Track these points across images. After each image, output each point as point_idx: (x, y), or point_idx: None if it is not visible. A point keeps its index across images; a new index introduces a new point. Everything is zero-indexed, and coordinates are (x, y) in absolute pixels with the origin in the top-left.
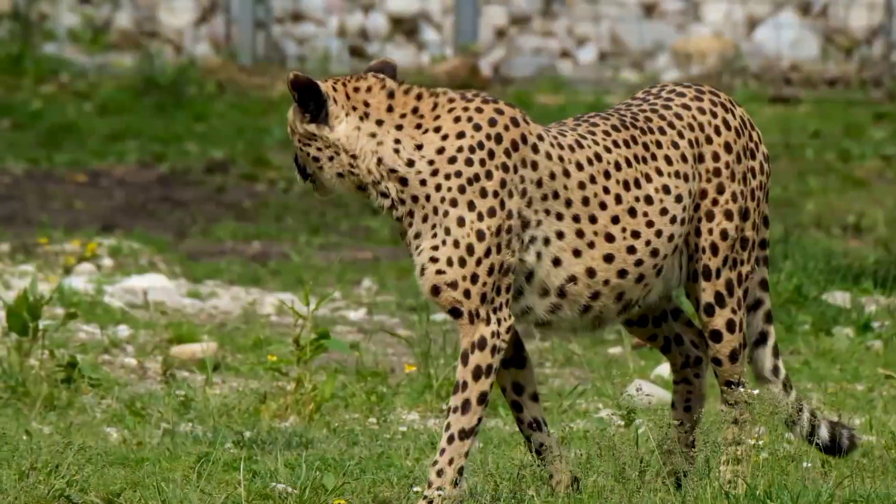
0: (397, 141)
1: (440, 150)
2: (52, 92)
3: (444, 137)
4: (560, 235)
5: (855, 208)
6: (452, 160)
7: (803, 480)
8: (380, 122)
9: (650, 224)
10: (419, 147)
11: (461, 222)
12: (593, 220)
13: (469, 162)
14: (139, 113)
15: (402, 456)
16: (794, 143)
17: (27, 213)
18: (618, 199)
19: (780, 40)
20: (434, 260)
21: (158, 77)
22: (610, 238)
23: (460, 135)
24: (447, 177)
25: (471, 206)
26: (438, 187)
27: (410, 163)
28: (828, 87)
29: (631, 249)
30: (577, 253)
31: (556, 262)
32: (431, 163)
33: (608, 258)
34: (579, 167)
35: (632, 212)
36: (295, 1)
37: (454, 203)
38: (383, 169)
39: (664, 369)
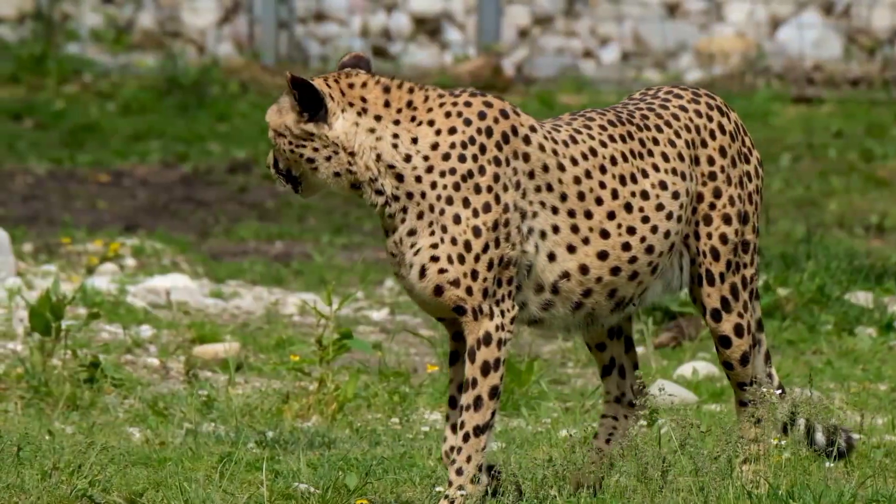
0: (395, 136)
1: (434, 146)
2: (74, 92)
3: (438, 132)
4: (556, 230)
5: (878, 208)
6: (446, 157)
7: (826, 480)
8: (378, 118)
9: (646, 220)
10: (415, 140)
11: (457, 220)
12: (589, 215)
13: (462, 158)
14: (162, 113)
15: (424, 456)
16: (817, 143)
17: (50, 212)
18: (614, 195)
19: (802, 40)
20: (435, 259)
21: (181, 77)
22: (605, 234)
23: (452, 130)
24: (442, 174)
25: (466, 202)
26: (434, 185)
27: (407, 158)
28: (850, 87)
29: (626, 246)
30: (571, 249)
31: (551, 256)
32: (426, 158)
33: (602, 255)
34: (574, 162)
35: (628, 207)
36: (318, 1)
37: (450, 201)
38: (381, 165)
39: (687, 369)
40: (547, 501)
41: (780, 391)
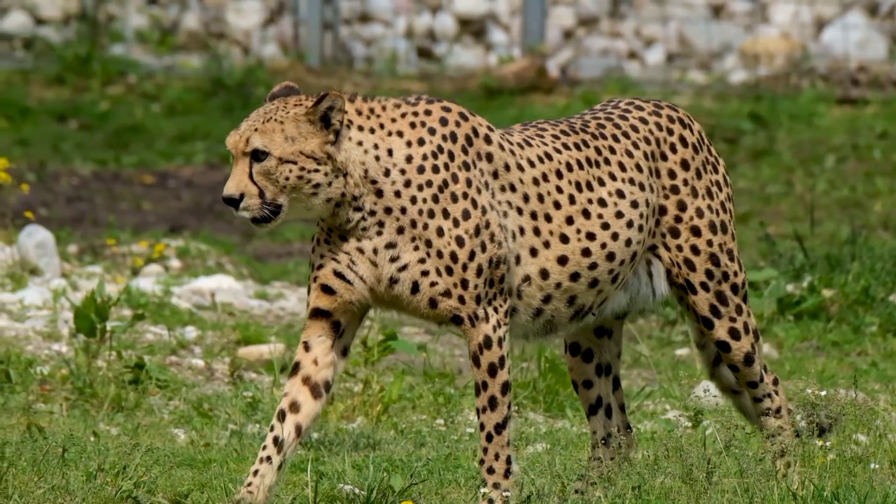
0: (375, 146)
1: (409, 159)
2: (119, 93)
3: (409, 144)
4: (522, 231)
5: None
6: (421, 170)
7: (870, 482)
8: (361, 129)
9: (605, 226)
10: (390, 153)
11: (440, 232)
12: (548, 218)
13: (435, 169)
14: (207, 114)
15: (469, 457)
16: (862, 144)
17: (95, 214)
18: (571, 200)
19: (847, 41)
20: (425, 273)
21: (226, 78)
22: (564, 239)
23: (420, 141)
24: (419, 188)
25: (445, 213)
26: (414, 199)
27: (387, 172)
28: (895, 88)
29: (586, 252)
30: (533, 252)
31: (518, 259)
32: (403, 172)
33: (561, 260)
34: (531, 164)
35: (586, 213)
36: (363, 2)
37: (431, 214)
38: (367, 180)
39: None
40: (592, 502)
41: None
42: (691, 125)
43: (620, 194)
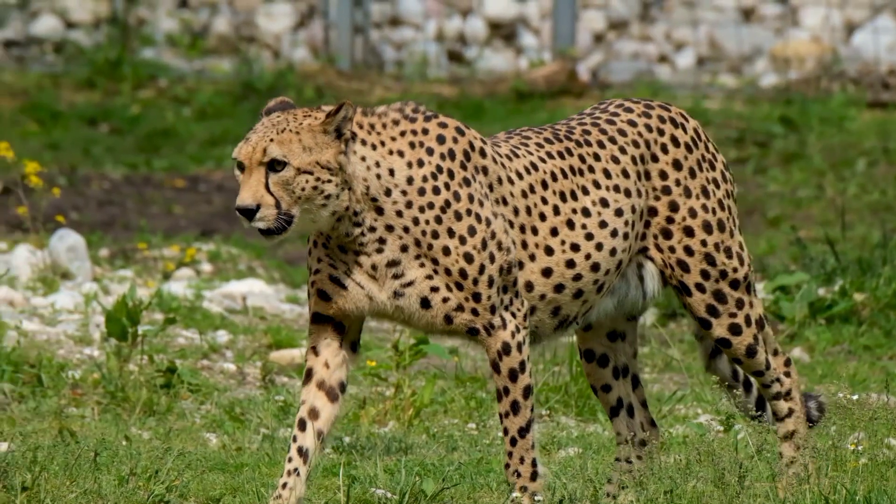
0: (377, 164)
1: (409, 180)
2: (150, 97)
3: (409, 165)
4: (513, 244)
5: None
6: (422, 192)
7: None
8: (364, 143)
9: (590, 237)
10: (391, 172)
11: (447, 251)
12: (535, 231)
13: (436, 190)
14: (237, 118)
15: (501, 461)
16: (892, 148)
17: (126, 218)
18: (556, 211)
19: (878, 45)
20: (435, 290)
21: (256, 82)
22: (549, 251)
23: (420, 163)
24: (421, 209)
25: (450, 233)
26: (416, 221)
27: (388, 192)
28: None
29: (570, 263)
30: (520, 265)
31: None
32: (405, 193)
33: (546, 272)
34: (519, 176)
35: (570, 224)
36: (393, 5)
37: (435, 235)
38: (368, 197)
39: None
40: None
41: (747, 386)
42: (684, 124)
43: (605, 203)
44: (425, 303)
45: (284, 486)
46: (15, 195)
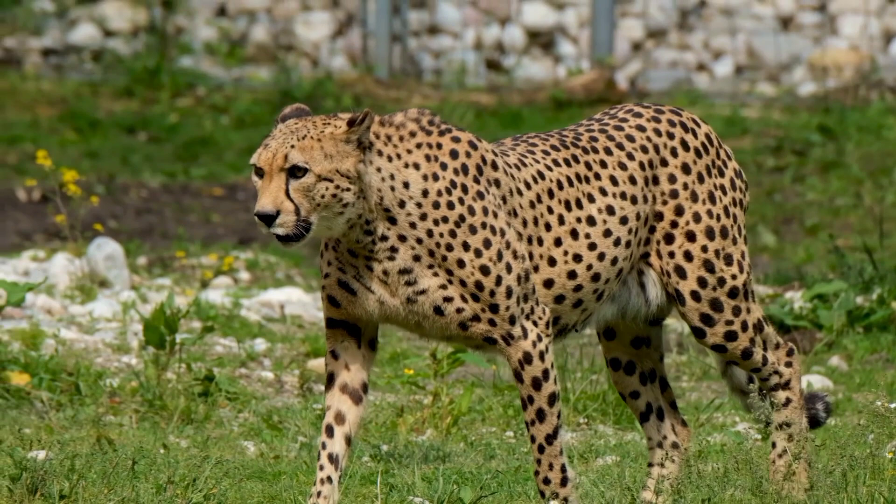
0: (392, 177)
1: (424, 193)
2: (188, 105)
3: (425, 178)
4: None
5: None
6: (436, 206)
7: None
8: (380, 154)
9: (593, 247)
10: (406, 185)
11: (461, 264)
12: (540, 242)
13: (450, 205)
14: None
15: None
16: None
17: (164, 226)
18: (560, 220)
19: None
20: (448, 300)
21: (295, 90)
22: (552, 262)
23: (435, 177)
24: (436, 222)
25: (465, 246)
26: (430, 233)
27: (402, 204)
28: None
29: (571, 274)
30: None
31: None
32: (419, 206)
33: (547, 283)
34: (528, 186)
35: (574, 233)
36: (431, 14)
37: (449, 247)
38: (381, 207)
39: (801, 383)
40: None
41: (761, 391)
42: (695, 128)
43: (611, 211)
44: (438, 311)
45: (319, 494)
46: (53, 203)
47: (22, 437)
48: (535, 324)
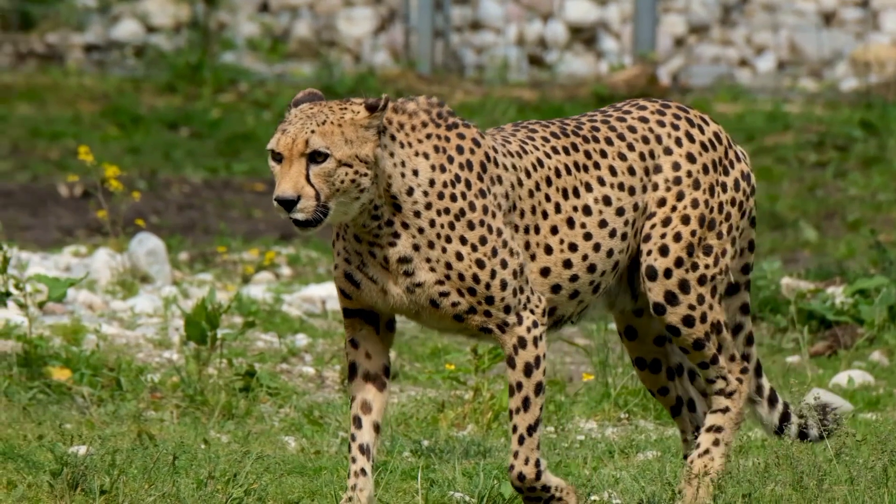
0: (403, 163)
1: (431, 183)
2: (230, 101)
3: (433, 168)
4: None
5: None
6: (441, 196)
7: None
8: (393, 139)
9: (588, 237)
10: (416, 173)
11: (459, 257)
12: (537, 230)
13: (453, 198)
14: None
15: (580, 465)
16: None
17: (206, 221)
18: (557, 208)
19: None
20: (444, 294)
21: (337, 86)
22: (548, 250)
23: (442, 168)
24: (438, 213)
25: (463, 240)
26: (432, 223)
27: (410, 191)
28: None
29: (567, 263)
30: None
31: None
32: (426, 194)
33: (544, 272)
34: (528, 174)
35: (570, 222)
36: (474, 9)
37: (448, 239)
38: (388, 194)
39: (842, 378)
40: None
41: (772, 401)
42: (702, 126)
43: (607, 201)
44: (434, 304)
45: (354, 487)
46: (95, 199)
47: (63, 433)
48: (531, 312)
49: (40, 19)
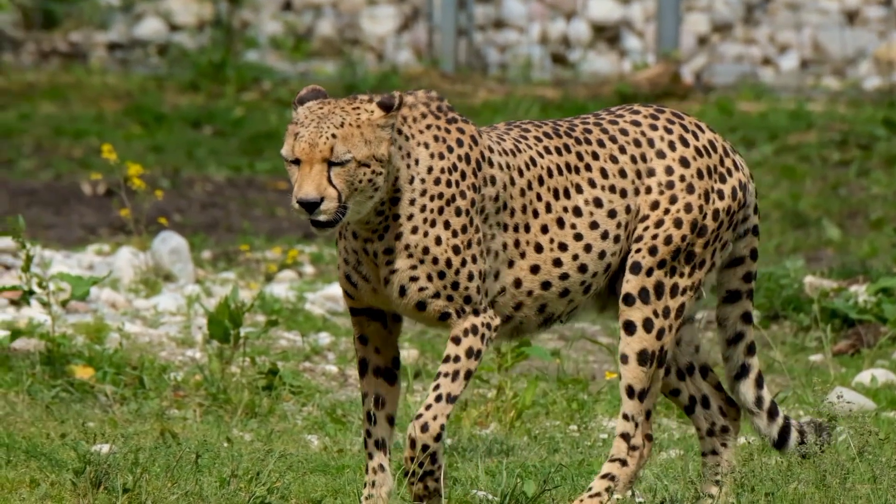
0: (408, 154)
1: (429, 170)
2: (253, 99)
3: (432, 156)
4: (504, 247)
5: None
6: (437, 182)
7: None
8: (400, 133)
9: (579, 237)
10: (417, 162)
11: (438, 241)
12: (527, 228)
13: (448, 183)
14: None
15: (602, 463)
16: None
17: (229, 220)
18: (548, 208)
19: None
20: (414, 279)
21: (360, 84)
22: (538, 248)
23: (441, 156)
24: (431, 198)
25: (446, 225)
26: (423, 208)
27: (411, 180)
28: None
29: (557, 262)
30: (510, 264)
31: (497, 274)
32: (423, 181)
33: (534, 269)
34: (520, 173)
35: (560, 222)
36: (497, 8)
37: (433, 223)
38: (394, 187)
39: (865, 377)
40: None
41: (772, 414)
42: (696, 132)
43: (598, 203)
44: (402, 290)
45: (373, 483)
46: (118, 197)
47: (86, 431)
48: (490, 317)
49: (63, 18)
